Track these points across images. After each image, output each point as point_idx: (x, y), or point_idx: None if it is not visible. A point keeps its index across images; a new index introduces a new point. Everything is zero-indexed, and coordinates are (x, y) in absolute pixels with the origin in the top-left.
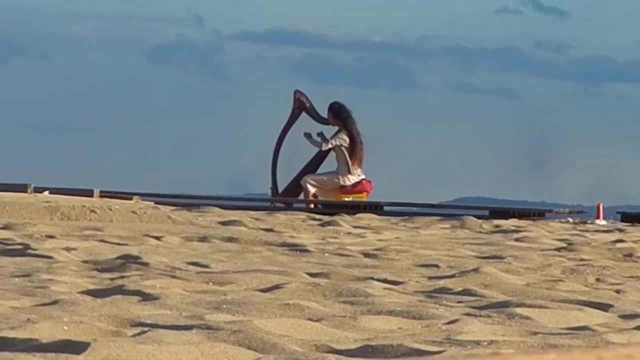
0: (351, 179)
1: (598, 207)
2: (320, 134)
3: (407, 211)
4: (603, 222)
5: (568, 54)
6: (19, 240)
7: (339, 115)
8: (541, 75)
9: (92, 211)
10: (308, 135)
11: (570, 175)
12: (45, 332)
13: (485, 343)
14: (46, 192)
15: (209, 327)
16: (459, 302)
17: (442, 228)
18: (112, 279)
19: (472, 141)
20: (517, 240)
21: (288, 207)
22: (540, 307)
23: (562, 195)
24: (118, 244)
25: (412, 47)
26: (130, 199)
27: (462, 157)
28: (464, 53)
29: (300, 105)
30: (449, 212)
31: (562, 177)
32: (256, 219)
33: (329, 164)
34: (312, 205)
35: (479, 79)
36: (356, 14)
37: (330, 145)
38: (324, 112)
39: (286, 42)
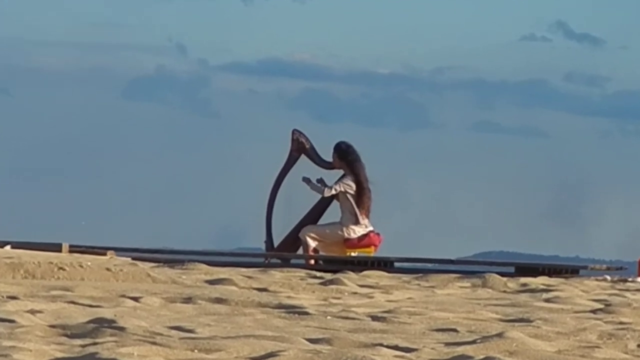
0: (357, 231)
1: (639, 262)
2: (320, 180)
3: (420, 268)
4: None
5: (603, 87)
6: None
7: (346, 157)
8: (572, 112)
9: (61, 268)
10: (307, 180)
11: (607, 225)
12: None
13: None
14: (8, 247)
15: None
16: None
17: (461, 287)
18: (83, 346)
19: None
20: (547, 300)
21: (285, 263)
22: None
23: (598, 249)
24: (90, 305)
25: (425, 80)
26: (104, 254)
27: (483, 206)
28: (484, 87)
29: (299, 147)
30: (469, 268)
31: (598, 228)
32: (248, 277)
33: (332, 213)
34: (312, 261)
35: (501, 116)
36: (361, 42)
37: (333, 192)
38: (325, 155)
39: (281, 74)
